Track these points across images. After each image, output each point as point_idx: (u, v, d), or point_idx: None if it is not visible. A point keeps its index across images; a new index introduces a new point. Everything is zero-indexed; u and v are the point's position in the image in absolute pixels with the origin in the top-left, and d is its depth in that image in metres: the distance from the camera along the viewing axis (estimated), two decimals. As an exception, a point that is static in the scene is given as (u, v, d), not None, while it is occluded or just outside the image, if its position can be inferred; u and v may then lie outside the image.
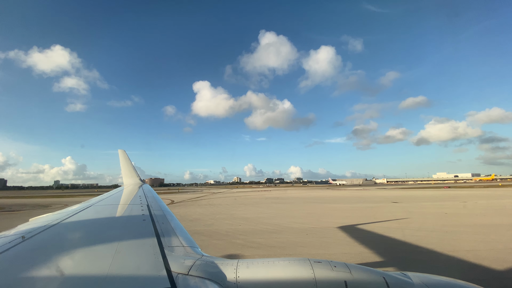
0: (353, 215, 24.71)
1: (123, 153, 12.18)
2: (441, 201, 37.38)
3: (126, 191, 7.25)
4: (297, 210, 31.22)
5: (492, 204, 31.27)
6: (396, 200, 41.56)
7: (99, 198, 5.82)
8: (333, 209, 31.03)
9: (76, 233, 3.04)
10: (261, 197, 56.26)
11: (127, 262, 2.03)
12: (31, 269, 1.85)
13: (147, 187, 8.12)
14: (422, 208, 29.31)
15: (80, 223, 3.51)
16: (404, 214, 24.37)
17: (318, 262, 2.07)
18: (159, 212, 3.97)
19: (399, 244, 13.55)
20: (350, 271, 1.99)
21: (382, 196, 52.90)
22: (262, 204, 39.11)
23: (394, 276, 2.05)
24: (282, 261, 2.11)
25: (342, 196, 56.59)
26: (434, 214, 24.51)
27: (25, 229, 2.89)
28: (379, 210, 28.32)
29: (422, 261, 10.88)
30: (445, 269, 9.96)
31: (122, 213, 4.21)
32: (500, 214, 23.18)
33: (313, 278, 1.92)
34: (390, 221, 20.62)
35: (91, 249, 2.35)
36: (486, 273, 9.32)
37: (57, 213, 3.99)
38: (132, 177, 10.76)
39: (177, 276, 1.81)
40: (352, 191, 77.08)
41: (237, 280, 1.93)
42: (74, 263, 2.03)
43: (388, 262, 10.87)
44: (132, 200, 5.58)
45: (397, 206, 32.49)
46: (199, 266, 1.97)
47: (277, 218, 23.84)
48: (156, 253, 2.17)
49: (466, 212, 24.88)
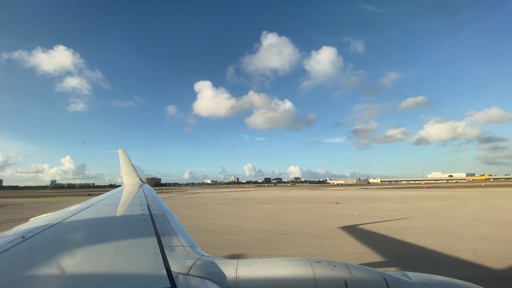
0: (264, 217, 25.46)
1: (123, 153, 12.14)
2: (383, 202, 38.46)
3: (126, 191, 7.24)
4: (225, 210, 32.28)
5: (426, 206, 31.74)
6: (341, 201, 43.02)
7: (99, 198, 5.78)
8: (262, 210, 31.90)
9: (76, 233, 3.03)
10: (224, 198, 57.01)
11: (127, 262, 2.03)
12: (31, 269, 1.85)
13: (147, 187, 8.16)
14: (351, 209, 30.03)
15: (80, 223, 3.50)
16: (315, 217, 24.97)
17: (318, 262, 2.08)
18: (159, 212, 3.99)
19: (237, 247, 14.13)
20: (350, 271, 2.00)
21: (342, 196, 54.89)
22: (207, 205, 40.06)
23: (394, 276, 2.06)
24: (282, 261, 2.12)
25: (303, 196, 58.99)
26: (342, 215, 25.12)
27: (25, 229, 2.88)
28: (304, 211, 29.37)
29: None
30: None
31: (122, 213, 4.22)
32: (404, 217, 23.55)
33: (313, 278, 1.93)
34: (282, 225, 20.74)
35: (91, 249, 2.37)
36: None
37: (57, 213, 3.99)
38: (132, 177, 10.73)
39: (177, 276, 1.81)
40: (325, 192, 78.08)
41: (237, 280, 1.93)
42: (74, 263, 2.04)
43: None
44: (132, 200, 5.58)
45: (330, 207, 33.36)
46: (199, 266, 1.97)
47: (187, 219, 24.73)
48: (156, 253, 2.19)
49: (373, 214, 25.38)
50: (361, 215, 25.12)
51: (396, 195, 53.23)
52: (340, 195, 58.43)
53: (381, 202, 39.25)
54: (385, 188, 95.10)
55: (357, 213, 26.66)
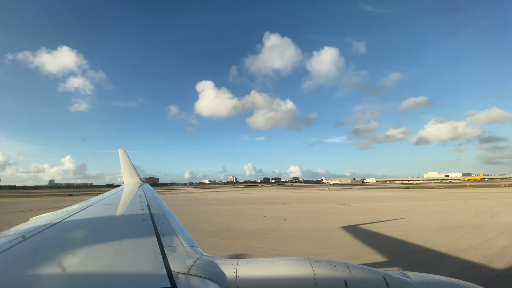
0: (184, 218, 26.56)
1: (123, 153, 12.09)
2: (331, 203, 40.29)
3: (126, 191, 7.25)
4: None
5: (363, 208, 32.66)
6: (293, 201, 44.47)
7: (99, 198, 5.78)
8: (201, 211, 32.87)
9: (77, 233, 3.03)
10: (193, 199, 58.05)
11: (127, 261, 2.04)
12: (31, 269, 1.86)
13: (147, 186, 8.16)
14: (284, 211, 31.01)
15: (80, 222, 3.50)
16: (231, 215, 25.95)
17: (318, 261, 2.09)
18: (159, 212, 3.99)
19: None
20: (350, 270, 2.01)
21: (303, 197, 56.56)
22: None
23: (394, 276, 2.07)
24: (282, 261, 2.13)
25: (270, 196, 61.19)
26: (255, 215, 26.07)
27: (25, 228, 2.88)
28: (235, 212, 30.48)
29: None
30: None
31: (122, 213, 4.21)
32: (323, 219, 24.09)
33: (313, 277, 1.94)
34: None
35: (91, 249, 2.37)
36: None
37: (57, 213, 3.99)
38: (132, 176, 10.72)
39: (177, 275, 1.82)
40: (301, 192, 79.21)
41: (237, 280, 1.94)
42: (74, 263, 2.05)
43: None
44: (132, 199, 5.58)
45: (267, 208, 34.40)
46: (199, 266, 1.98)
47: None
48: (156, 253, 2.19)
49: (289, 215, 26.27)
50: (273, 216, 26.30)
51: (357, 196, 54.60)
52: (304, 196, 59.85)
53: (330, 203, 40.47)
54: (368, 189, 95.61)
55: (278, 214, 27.58)
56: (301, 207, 35.37)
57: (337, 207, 33.26)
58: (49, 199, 62.75)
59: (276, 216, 26.13)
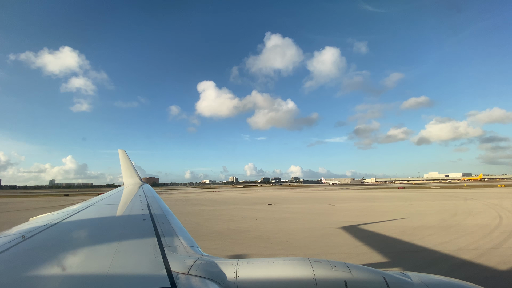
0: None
1: (123, 153, 12.12)
2: (318, 204, 39.49)
3: (126, 191, 7.25)
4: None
5: (347, 208, 32.43)
6: (282, 202, 44.51)
7: (99, 198, 5.79)
8: (180, 211, 32.99)
9: (76, 233, 3.03)
10: (183, 199, 58.11)
11: (127, 261, 2.04)
12: (31, 269, 1.86)
13: (147, 187, 8.17)
14: (269, 211, 31.03)
15: (80, 222, 3.50)
16: (210, 216, 26.04)
17: (318, 261, 2.09)
18: (159, 212, 4.00)
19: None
20: (350, 270, 2.01)
21: (296, 197, 56.57)
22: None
23: (394, 276, 2.07)
24: (282, 261, 2.13)
25: (261, 197, 60.50)
26: (234, 216, 26.19)
27: (25, 228, 2.88)
28: (213, 213, 30.44)
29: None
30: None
31: (122, 213, 4.21)
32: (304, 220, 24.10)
33: (313, 277, 1.94)
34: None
35: (91, 249, 2.37)
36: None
37: (57, 213, 4.00)
38: (132, 177, 10.75)
39: (177, 275, 1.82)
40: (295, 192, 79.09)
41: (237, 280, 1.94)
42: (74, 263, 2.06)
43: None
44: (132, 199, 5.59)
45: (250, 208, 34.44)
46: (199, 266, 1.98)
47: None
48: (156, 253, 2.20)
49: (268, 216, 26.30)
50: (252, 216, 26.26)
51: (349, 196, 54.20)
52: (297, 196, 59.77)
53: (317, 203, 40.00)
54: (365, 189, 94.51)
55: (258, 215, 27.57)
56: (285, 207, 35.18)
57: (321, 208, 33.09)
58: (43, 199, 62.78)
59: (255, 216, 26.02)
